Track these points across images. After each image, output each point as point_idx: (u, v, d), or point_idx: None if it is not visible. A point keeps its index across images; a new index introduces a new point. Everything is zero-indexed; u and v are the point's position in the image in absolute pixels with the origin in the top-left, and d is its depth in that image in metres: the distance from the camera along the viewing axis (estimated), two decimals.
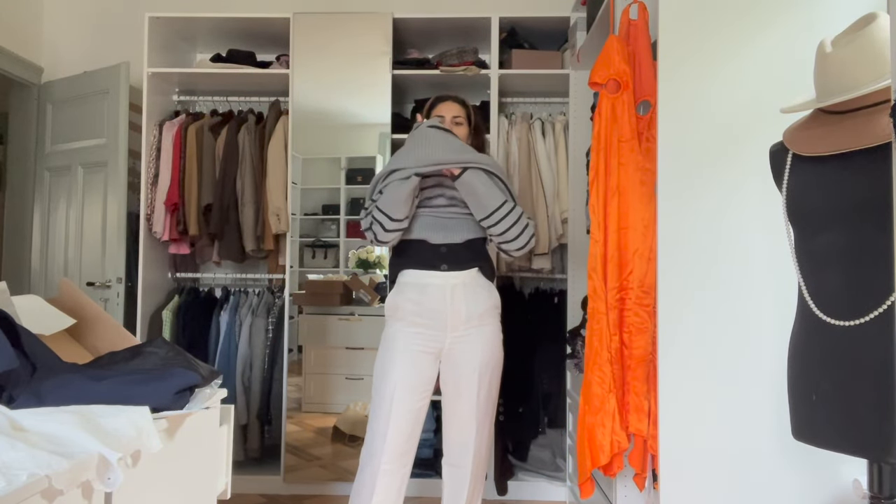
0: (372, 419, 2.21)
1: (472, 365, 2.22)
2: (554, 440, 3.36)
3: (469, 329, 2.21)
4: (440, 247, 2.23)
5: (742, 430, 1.81)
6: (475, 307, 2.22)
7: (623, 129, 2.09)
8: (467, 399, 2.22)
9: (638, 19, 2.16)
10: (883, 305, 1.30)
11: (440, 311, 2.19)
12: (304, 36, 3.31)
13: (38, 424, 1.08)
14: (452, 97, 2.46)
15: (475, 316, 2.22)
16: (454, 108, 2.42)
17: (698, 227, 1.86)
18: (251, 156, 3.35)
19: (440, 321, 2.19)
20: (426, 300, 2.20)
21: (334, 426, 3.28)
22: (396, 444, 2.16)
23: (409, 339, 2.20)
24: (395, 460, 2.17)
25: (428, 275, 2.22)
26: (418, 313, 2.20)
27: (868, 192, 1.33)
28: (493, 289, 2.31)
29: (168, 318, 3.34)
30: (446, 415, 2.29)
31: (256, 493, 3.22)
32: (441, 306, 2.19)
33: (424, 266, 2.23)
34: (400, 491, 2.21)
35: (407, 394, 2.17)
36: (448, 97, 2.46)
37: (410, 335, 2.20)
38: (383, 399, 2.17)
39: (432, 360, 2.23)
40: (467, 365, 2.22)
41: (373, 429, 2.20)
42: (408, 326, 2.21)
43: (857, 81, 1.36)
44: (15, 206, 3.82)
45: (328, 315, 3.37)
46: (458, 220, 2.26)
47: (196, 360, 1.49)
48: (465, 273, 2.23)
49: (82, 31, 3.89)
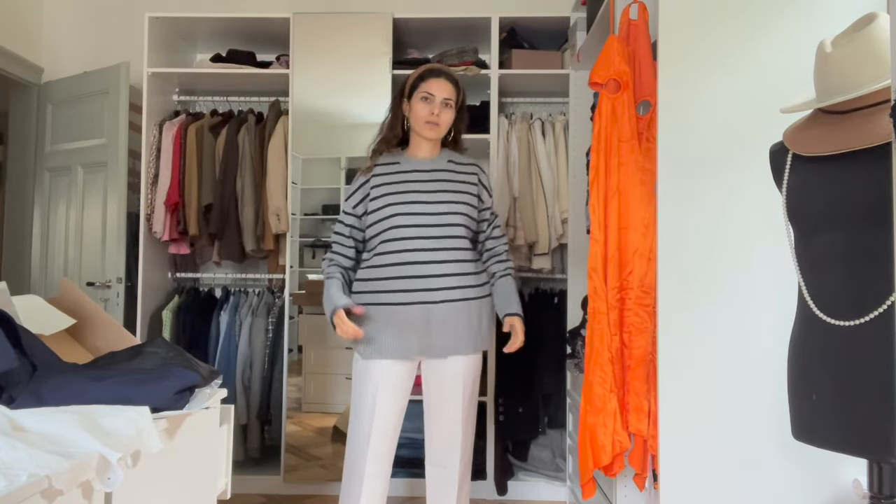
0: (353, 422, 2.14)
1: (457, 366, 2.15)
2: (554, 440, 3.36)
3: None
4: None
5: (742, 430, 1.81)
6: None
7: (623, 129, 2.09)
8: (453, 400, 2.15)
9: (638, 19, 2.16)
10: (883, 305, 1.30)
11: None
12: (304, 36, 3.31)
13: (38, 424, 1.08)
14: (445, 73, 2.20)
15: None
16: (446, 89, 2.16)
17: (698, 227, 1.86)
18: (251, 156, 3.35)
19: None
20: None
21: (334, 426, 3.27)
22: (379, 447, 2.10)
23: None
24: (378, 462, 2.10)
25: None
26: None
27: (868, 191, 1.33)
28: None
29: (168, 318, 3.34)
30: (430, 416, 2.21)
31: (256, 493, 3.22)
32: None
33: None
34: (383, 495, 2.15)
35: (389, 396, 2.10)
36: (441, 73, 2.20)
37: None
38: (365, 402, 2.11)
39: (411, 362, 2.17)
40: (451, 367, 2.15)
41: (354, 434, 2.13)
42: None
43: (857, 81, 1.36)
44: (15, 206, 3.82)
45: None
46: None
47: (196, 360, 1.49)
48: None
49: (82, 31, 3.89)
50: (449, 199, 2.15)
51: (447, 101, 2.16)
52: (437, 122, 2.15)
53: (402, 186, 2.15)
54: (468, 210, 2.18)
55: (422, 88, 2.15)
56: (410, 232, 2.10)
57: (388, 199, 2.13)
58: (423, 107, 2.14)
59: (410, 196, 2.13)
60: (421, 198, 2.13)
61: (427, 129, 2.16)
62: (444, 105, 2.15)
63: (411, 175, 2.17)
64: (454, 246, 2.13)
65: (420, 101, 2.15)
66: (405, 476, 3.20)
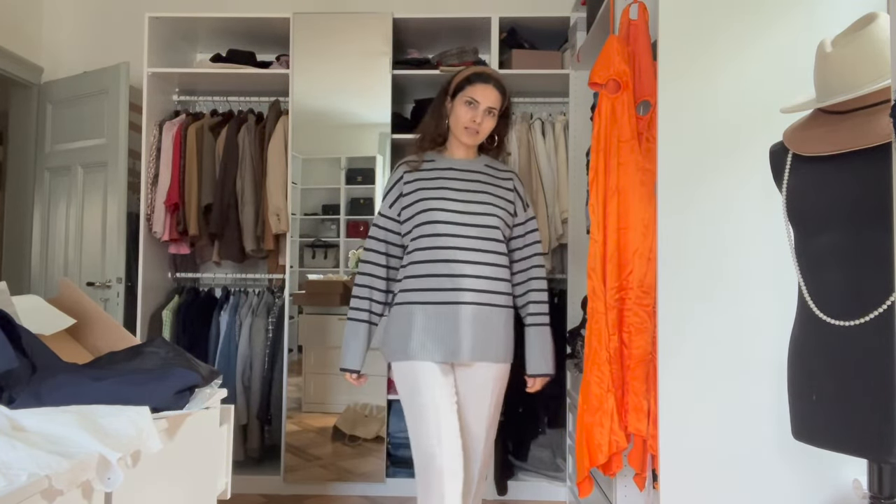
0: (419, 426, 1.97)
1: (485, 376, 2.06)
2: (554, 440, 3.36)
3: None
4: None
5: (742, 430, 1.81)
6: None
7: (623, 130, 2.09)
8: (474, 410, 2.06)
9: (638, 19, 2.16)
10: (883, 305, 1.30)
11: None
12: (304, 36, 3.31)
13: (38, 424, 1.08)
14: (494, 80, 2.07)
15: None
16: (492, 97, 2.05)
17: (698, 227, 1.85)
18: (251, 156, 3.35)
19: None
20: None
21: (334, 426, 3.28)
22: (451, 443, 1.94)
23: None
24: (454, 458, 1.93)
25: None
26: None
27: (868, 192, 1.33)
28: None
29: (168, 318, 3.34)
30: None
31: (256, 493, 3.22)
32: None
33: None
34: (466, 496, 2.01)
35: (446, 397, 1.98)
36: (489, 78, 2.07)
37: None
38: (423, 400, 1.97)
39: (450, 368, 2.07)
40: (479, 376, 2.06)
41: (422, 433, 1.96)
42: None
43: (857, 81, 1.36)
44: (15, 206, 3.82)
45: (328, 315, 3.37)
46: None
47: (196, 360, 1.49)
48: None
49: (82, 31, 3.89)
50: (485, 201, 2.06)
51: (491, 110, 2.06)
52: (478, 129, 2.06)
53: (437, 183, 2.06)
54: (504, 215, 2.08)
55: (467, 92, 2.05)
56: (444, 229, 2.00)
57: (422, 195, 2.05)
58: (466, 111, 2.05)
59: (445, 193, 2.04)
60: (457, 196, 2.04)
61: (466, 134, 2.07)
62: (487, 113, 2.06)
63: (447, 173, 2.09)
64: (489, 248, 2.03)
65: (463, 105, 2.06)
66: (405, 476, 3.20)
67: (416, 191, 2.06)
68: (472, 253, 2.00)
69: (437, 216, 2.01)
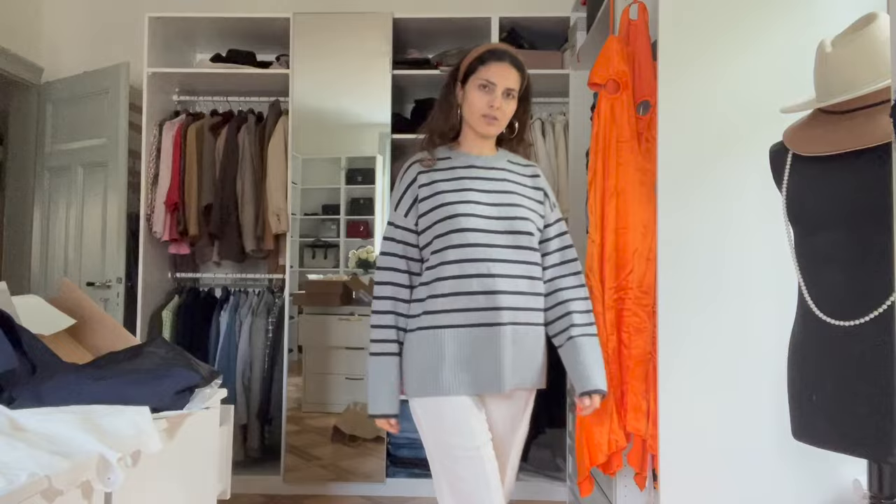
0: (458, 470, 1.67)
1: (518, 406, 1.82)
2: (554, 440, 3.36)
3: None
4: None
5: (742, 430, 1.81)
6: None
7: (622, 130, 2.09)
8: (506, 442, 1.82)
9: (638, 19, 2.16)
10: (883, 305, 1.30)
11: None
12: (304, 36, 3.31)
13: (38, 424, 1.08)
14: (510, 56, 1.76)
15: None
16: (510, 76, 1.74)
17: (698, 227, 1.86)
18: (251, 156, 3.35)
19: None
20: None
21: (334, 426, 3.28)
22: (498, 487, 1.67)
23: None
24: (501, 500, 1.68)
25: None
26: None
27: (868, 191, 1.33)
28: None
29: (168, 318, 3.34)
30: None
31: (256, 493, 3.22)
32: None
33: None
34: None
35: (486, 437, 1.72)
36: (504, 55, 1.76)
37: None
38: (467, 449, 1.67)
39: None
40: (512, 406, 1.82)
41: (462, 478, 1.66)
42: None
43: (857, 81, 1.36)
44: (15, 206, 3.82)
45: (328, 315, 3.37)
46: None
47: (196, 360, 1.49)
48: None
49: (82, 31, 3.89)
50: (516, 203, 1.76)
51: (510, 91, 1.75)
52: (497, 115, 1.75)
53: (459, 184, 1.75)
54: (536, 219, 1.78)
55: (480, 73, 1.74)
56: (475, 238, 1.69)
57: (443, 198, 1.72)
58: (481, 97, 1.73)
59: (471, 195, 1.73)
60: (484, 198, 1.73)
61: (483, 123, 1.75)
62: (505, 95, 1.74)
63: (468, 171, 1.77)
64: (524, 259, 1.74)
65: (477, 90, 1.74)
66: (405, 476, 3.20)
67: (436, 194, 1.74)
68: (507, 265, 1.70)
69: (465, 223, 1.69)
